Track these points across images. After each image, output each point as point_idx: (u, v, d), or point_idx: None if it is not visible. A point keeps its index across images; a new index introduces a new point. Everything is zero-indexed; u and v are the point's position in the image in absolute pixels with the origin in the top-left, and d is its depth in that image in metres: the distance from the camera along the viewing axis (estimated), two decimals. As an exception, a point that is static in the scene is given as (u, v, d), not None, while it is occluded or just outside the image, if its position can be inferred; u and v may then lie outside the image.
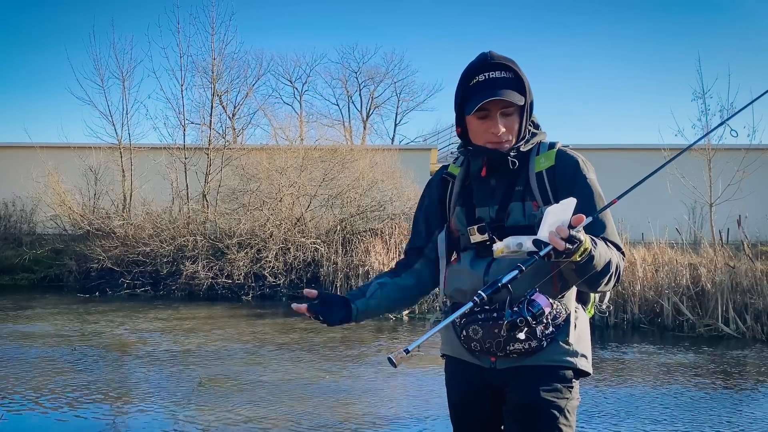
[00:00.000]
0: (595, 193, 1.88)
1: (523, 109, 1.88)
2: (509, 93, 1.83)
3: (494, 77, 1.86)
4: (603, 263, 1.70)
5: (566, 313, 1.85)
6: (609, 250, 1.75)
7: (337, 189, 13.62)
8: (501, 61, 1.88)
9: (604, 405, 5.22)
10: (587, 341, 1.92)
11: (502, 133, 1.87)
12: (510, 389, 1.87)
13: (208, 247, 12.81)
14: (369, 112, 34.67)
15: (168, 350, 7.28)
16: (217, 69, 15.97)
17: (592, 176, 1.90)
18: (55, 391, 5.43)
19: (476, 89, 1.87)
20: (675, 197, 12.94)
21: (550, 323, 1.81)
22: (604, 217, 1.85)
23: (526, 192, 1.88)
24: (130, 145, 15.71)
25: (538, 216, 1.82)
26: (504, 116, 1.87)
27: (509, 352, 1.83)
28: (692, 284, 9.07)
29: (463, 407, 1.98)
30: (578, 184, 1.87)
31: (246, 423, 4.67)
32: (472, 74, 1.89)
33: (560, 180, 1.87)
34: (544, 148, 1.93)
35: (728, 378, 6.31)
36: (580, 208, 1.83)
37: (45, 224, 15.02)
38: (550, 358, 1.83)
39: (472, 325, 1.87)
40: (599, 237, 1.81)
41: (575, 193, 1.82)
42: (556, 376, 1.83)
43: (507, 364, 1.86)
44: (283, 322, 9.63)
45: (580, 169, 1.89)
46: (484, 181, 1.94)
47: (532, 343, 1.80)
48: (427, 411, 5.03)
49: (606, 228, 1.85)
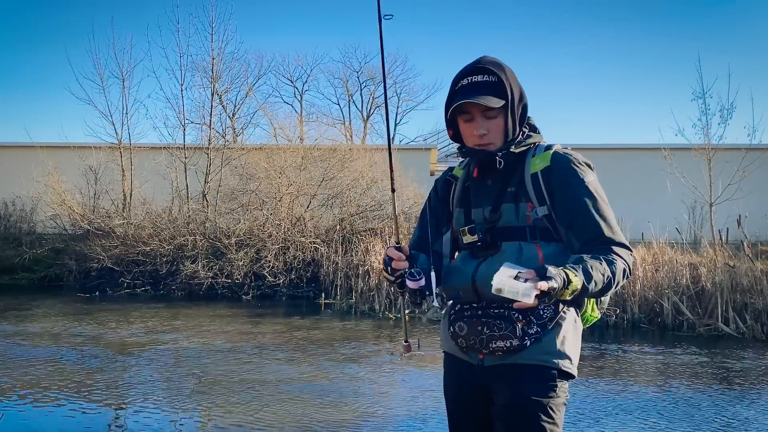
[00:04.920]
0: (592, 194, 1.86)
1: (508, 112, 1.90)
2: (485, 98, 1.86)
3: (476, 81, 1.90)
4: (600, 287, 1.75)
5: (554, 315, 1.86)
6: (607, 266, 1.76)
7: (337, 188, 13.62)
8: (486, 65, 1.91)
9: (604, 405, 5.22)
10: (574, 344, 1.90)
11: (484, 135, 1.91)
12: (496, 390, 1.89)
13: (207, 247, 12.81)
14: (370, 111, 34.68)
15: (168, 350, 7.28)
16: (216, 69, 15.99)
17: (591, 178, 1.89)
18: (55, 391, 5.43)
19: (458, 93, 1.92)
20: (675, 197, 12.94)
21: (534, 323, 1.84)
22: (602, 217, 1.85)
23: (520, 193, 1.90)
24: (130, 144, 15.69)
25: (533, 217, 1.87)
26: (487, 119, 1.90)
27: (493, 350, 1.86)
28: (692, 284, 9.07)
29: (457, 402, 2.02)
30: (573, 185, 1.86)
31: (246, 423, 4.67)
32: (458, 78, 1.94)
33: (555, 181, 1.87)
34: (540, 149, 1.94)
35: (728, 378, 6.31)
36: (575, 209, 1.84)
37: (45, 224, 15.01)
38: (533, 357, 1.84)
39: (458, 321, 1.93)
40: (598, 240, 1.82)
41: (570, 194, 1.84)
42: (539, 375, 1.84)
43: (493, 362, 1.89)
44: (283, 321, 9.64)
45: (576, 170, 1.88)
46: (481, 182, 1.98)
47: (514, 342, 1.83)
48: (425, 410, 5.02)
49: (603, 228, 1.84)
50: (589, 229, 1.84)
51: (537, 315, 1.84)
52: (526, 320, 1.83)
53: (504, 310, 1.83)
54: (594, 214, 1.84)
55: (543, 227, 1.88)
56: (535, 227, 1.88)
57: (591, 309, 1.99)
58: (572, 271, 1.70)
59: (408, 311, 1.98)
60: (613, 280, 1.77)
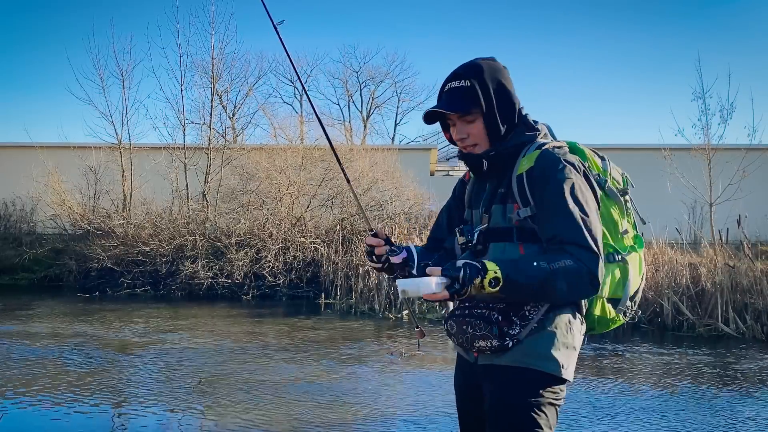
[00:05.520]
0: (563, 194, 1.79)
1: (486, 115, 1.90)
2: (450, 106, 1.90)
3: (452, 87, 1.93)
4: (535, 282, 1.72)
5: (543, 316, 1.83)
6: (546, 261, 1.73)
7: (337, 189, 13.62)
8: (461, 71, 1.94)
9: (604, 405, 5.22)
10: (565, 346, 1.84)
11: (465, 139, 1.94)
12: (485, 389, 1.91)
13: (207, 247, 12.81)
14: (369, 111, 34.68)
15: (168, 350, 7.28)
16: (216, 69, 16.00)
17: (570, 175, 1.82)
18: (55, 391, 5.43)
19: (439, 99, 1.96)
20: (675, 197, 12.94)
21: (517, 323, 1.83)
22: (566, 218, 1.77)
23: (508, 194, 1.90)
24: (130, 144, 15.69)
25: (515, 218, 1.87)
26: (466, 123, 1.93)
27: (479, 349, 1.88)
28: (692, 284, 9.07)
29: (462, 400, 2.06)
30: (548, 186, 1.81)
31: (246, 423, 4.67)
32: (443, 85, 1.98)
33: (536, 181, 1.84)
34: (532, 149, 1.91)
35: (728, 378, 6.31)
36: (543, 208, 1.82)
37: (45, 224, 15.02)
38: (518, 359, 1.83)
39: (450, 319, 1.97)
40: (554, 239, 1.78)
41: (543, 194, 1.81)
42: (523, 377, 1.82)
43: (484, 361, 1.90)
44: (283, 321, 9.64)
45: (556, 170, 1.83)
46: (481, 184, 2.01)
47: (493, 342, 1.83)
48: (427, 410, 5.02)
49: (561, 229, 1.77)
50: (549, 228, 1.80)
51: (521, 316, 1.82)
52: (507, 321, 1.82)
53: (485, 310, 1.85)
54: (558, 214, 1.78)
55: (529, 228, 1.86)
56: (522, 228, 1.87)
57: (600, 311, 1.92)
58: (491, 261, 1.72)
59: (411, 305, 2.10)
60: (550, 273, 1.71)
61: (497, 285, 1.70)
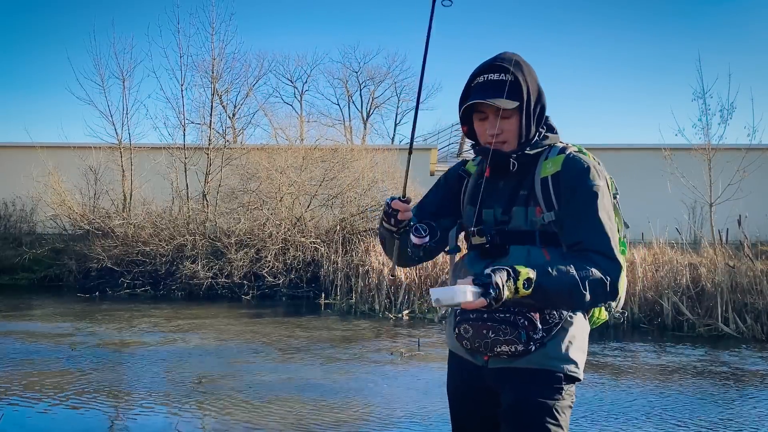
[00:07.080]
0: (593, 200, 1.80)
1: (523, 112, 1.86)
2: (497, 99, 1.82)
3: (491, 80, 1.85)
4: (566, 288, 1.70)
5: (559, 320, 1.84)
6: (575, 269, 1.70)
7: (337, 189, 13.62)
8: (503, 63, 1.87)
9: (604, 404, 5.22)
10: (580, 348, 1.89)
11: (497, 135, 1.87)
12: (502, 392, 1.88)
13: (207, 247, 12.81)
14: (369, 111, 34.66)
15: (168, 350, 7.28)
16: (217, 69, 15.98)
17: (600, 183, 1.83)
18: (55, 391, 5.42)
19: (473, 90, 1.88)
20: (675, 197, 12.94)
21: (540, 328, 1.82)
22: (593, 224, 1.78)
23: (531, 197, 1.86)
24: (130, 144, 15.69)
25: (538, 222, 1.84)
26: (501, 118, 1.85)
27: (498, 353, 1.85)
28: (692, 284, 9.07)
29: (463, 404, 2.01)
30: (579, 192, 1.81)
31: (245, 423, 4.67)
32: (475, 75, 1.89)
33: (563, 186, 1.83)
34: (554, 152, 1.90)
35: (728, 378, 6.30)
36: (569, 213, 1.80)
37: (45, 224, 15.02)
38: (538, 361, 1.83)
39: (463, 323, 1.90)
40: (579, 245, 1.78)
41: (572, 199, 1.80)
42: (544, 379, 1.83)
43: (498, 365, 1.88)
44: (283, 321, 9.64)
45: (587, 177, 1.82)
46: (493, 182, 1.92)
47: (519, 347, 1.81)
48: (426, 410, 5.02)
49: (588, 235, 1.78)
50: (575, 234, 1.80)
51: (542, 320, 1.82)
52: (532, 325, 1.80)
53: (510, 315, 1.81)
54: (586, 221, 1.78)
55: (552, 232, 1.84)
56: (544, 232, 1.85)
57: (599, 311, 1.98)
58: (523, 266, 1.68)
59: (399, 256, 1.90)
60: (579, 281, 1.70)
61: (530, 287, 1.66)
